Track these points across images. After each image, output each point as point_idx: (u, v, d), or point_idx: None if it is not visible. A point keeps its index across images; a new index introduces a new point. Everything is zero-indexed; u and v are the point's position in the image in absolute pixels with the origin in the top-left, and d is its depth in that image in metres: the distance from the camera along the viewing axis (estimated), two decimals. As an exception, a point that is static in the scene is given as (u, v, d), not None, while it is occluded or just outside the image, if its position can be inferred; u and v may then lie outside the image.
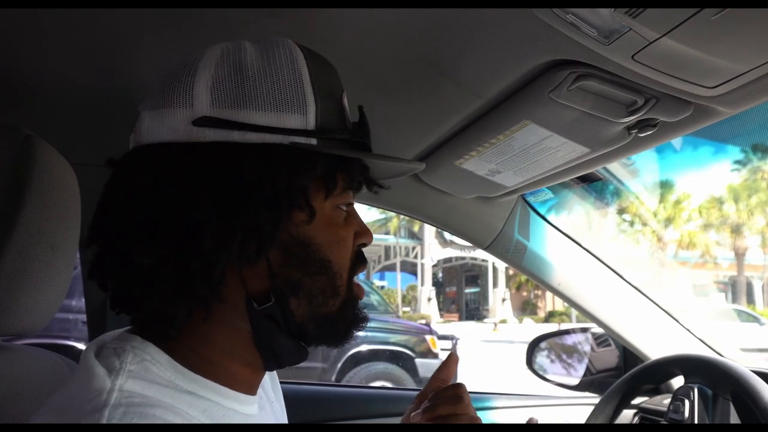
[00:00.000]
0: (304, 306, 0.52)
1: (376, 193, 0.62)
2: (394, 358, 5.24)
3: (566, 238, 1.31)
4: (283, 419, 0.69)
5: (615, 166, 1.34)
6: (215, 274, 0.47)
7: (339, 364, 5.07)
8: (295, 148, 0.49)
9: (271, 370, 0.57)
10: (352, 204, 0.58)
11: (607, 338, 1.54)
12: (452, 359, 0.75)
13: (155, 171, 0.48)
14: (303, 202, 0.50)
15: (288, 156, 0.49)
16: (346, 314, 0.55)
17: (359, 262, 0.57)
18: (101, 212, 0.49)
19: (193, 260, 0.46)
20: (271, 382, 0.69)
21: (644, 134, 0.77)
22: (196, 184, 0.47)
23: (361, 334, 0.58)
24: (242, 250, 0.48)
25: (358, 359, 5.12)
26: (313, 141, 0.50)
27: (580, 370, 1.58)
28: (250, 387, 0.55)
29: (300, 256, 0.51)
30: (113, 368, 0.45)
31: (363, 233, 0.58)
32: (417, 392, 0.75)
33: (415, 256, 25.62)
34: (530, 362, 1.57)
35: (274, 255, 0.50)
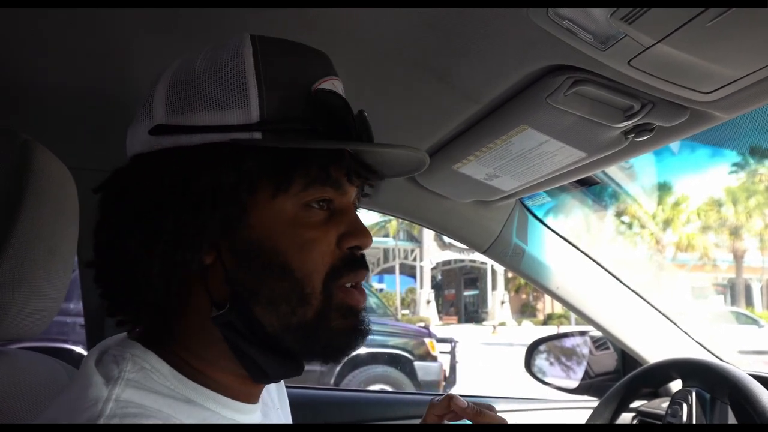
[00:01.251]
0: (270, 315, 0.48)
1: (366, 194, 0.58)
2: (393, 361, 5.23)
3: (564, 241, 1.31)
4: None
5: (613, 170, 1.35)
6: (153, 279, 0.46)
7: (337, 367, 5.06)
8: (234, 145, 0.47)
9: (261, 382, 0.54)
10: (340, 202, 0.52)
11: (605, 341, 1.54)
12: (453, 400, 0.67)
13: (121, 184, 0.49)
14: (233, 201, 0.47)
15: (220, 154, 0.47)
16: (326, 325, 0.50)
17: (346, 267, 0.51)
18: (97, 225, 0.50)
19: (130, 266, 0.46)
20: (277, 389, 0.69)
21: (641, 139, 0.78)
22: (137, 191, 0.48)
23: None
24: (171, 256, 0.46)
25: (357, 362, 5.12)
26: (258, 135, 0.47)
27: (579, 373, 1.58)
28: (248, 396, 0.54)
29: (253, 261, 0.48)
30: (111, 377, 0.44)
31: (352, 234, 0.52)
32: (415, 396, 0.74)
33: (414, 259, 25.61)
34: (529, 365, 1.57)
35: (228, 259, 0.48)
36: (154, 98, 0.50)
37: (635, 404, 1.26)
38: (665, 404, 1.10)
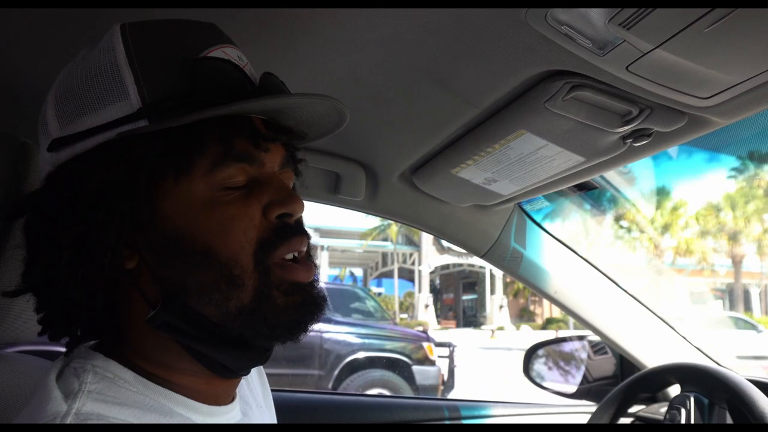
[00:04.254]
0: (207, 305, 0.46)
1: (300, 160, 0.54)
2: (391, 365, 5.23)
3: (563, 246, 1.31)
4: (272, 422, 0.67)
5: (611, 174, 1.35)
6: (76, 296, 0.45)
7: (336, 372, 5.06)
8: (124, 139, 0.45)
9: (228, 378, 0.52)
10: (259, 174, 0.49)
11: (603, 346, 1.54)
12: None
13: (31, 208, 0.48)
14: (131, 195, 0.44)
15: (110, 151, 0.45)
16: (269, 304, 0.47)
17: (278, 237, 0.48)
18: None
19: (51, 289, 0.45)
20: (261, 385, 0.68)
21: (639, 144, 0.78)
22: (41, 212, 0.47)
23: (357, 341, 0.52)
24: (78, 266, 0.44)
25: (355, 367, 5.11)
26: (143, 122, 0.45)
27: (577, 378, 1.58)
28: (218, 397, 0.52)
29: (173, 253, 0.46)
30: (71, 391, 0.43)
31: (278, 203, 0.48)
32: (413, 400, 0.74)
33: (413, 263, 25.60)
34: (527, 370, 1.57)
35: (150, 257, 0.46)
36: (46, 116, 0.49)
37: (633, 409, 1.26)
38: (663, 409, 1.10)
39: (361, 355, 5.15)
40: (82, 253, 0.44)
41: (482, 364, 10.91)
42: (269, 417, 0.66)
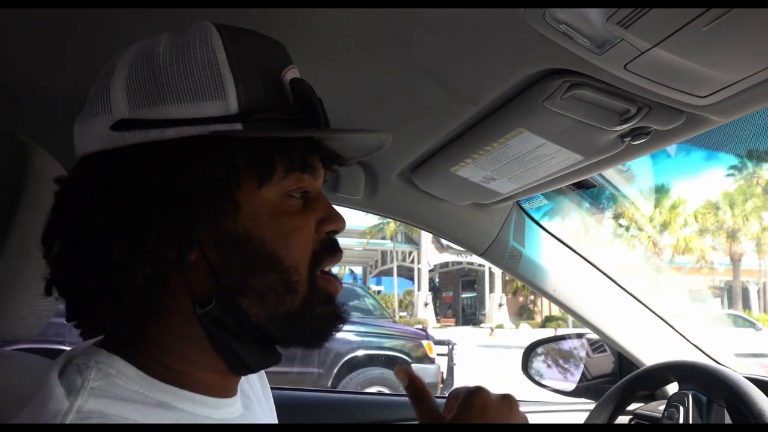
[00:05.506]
0: (256, 306, 0.48)
1: (325, 180, 0.56)
2: (391, 363, 5.23)
3: (561, 244, 1.31)
4: (273, 419, 0.67)
5: (610, 172, 1.35)
6: (138, 283, 0.44)
7: (335, 370, 5.06)
8: (215, 137, 0.45)
9: (241, 375, 0.54)
10: (313, 189, 0.52)
11: (602, 344, 1.55)
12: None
13: (79, 183, 0.47)
14: (223, 195, 0.46)
15: (204, 148, 0.45)
16: (312, 312, 0.50)
17: (327, 252, 0.52)
18: (46, 230, 0.48)
19: (111, 271, 0.44)
20: (260, 380, 0.68)
21: (637, 142, 0.78)
22: (111, 191, 0.45)
23: (357, 339, 0.55)
24: (159, 256, 0.44)
25: (354, 364, 5.11)
26: (238, 126, 0.46)
27: (576, 375, 1.58)
28: (225, 390, 0.53)
29: (240, 254, 0.47)
30: (74, 388, 0.43)
31: (329, 219, 0.52)
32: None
33: (412, 261, 25.62)
34: (526, 368, 1.57)
35: (212, 255, 0.47)
36: (110, 91, 0.47)
37: (632, 407, 1.26)
38: (662, 407, 1.10)
39: (360, 353, 5.15)
40: (171, 241, 0.44)
41: (481, 362, 10.92)
42: (269, 412, 0.67)
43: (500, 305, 24.23)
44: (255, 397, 0.63)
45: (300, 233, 0.50)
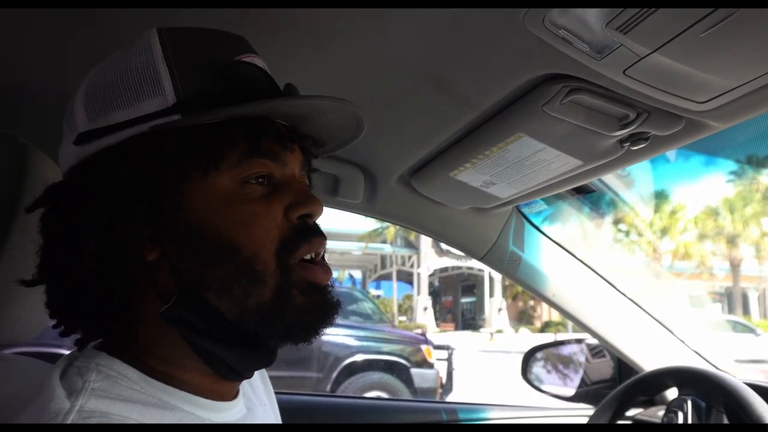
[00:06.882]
0: (225, 300, 0.47)
1: (315, 169, 0.55)
2: (390, 368, 5.22)
3: (561, 249, 1.31)
4: (276, 422, 0.67)
5: (609, 177, 1.35)
6: (94, 287, 0.45)
7: (334, 374, 5.05)
8: (156, 132, 0.46)
9: (232, 379, 0.52)
10: (281, 175, 0.51)
11: (601, 349, 1.55)
12: None
13: (53, 199, 0.49)
14: (164, 187, 0.46)
15: (140, 144, 0.46)
16: (289, 303, 0.48)
17: (301, 238, 0.49)
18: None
19: (70, 280, 0.45)
20: (263, 384, 0.68)
21: (636, 147, 0.78)
22: (66, 203, 0.47)
23: (356, 343, 0.53)
24: (103, 257, 0.45)
25: (353, 369, 5.10)
26: (177, 117, 0.46)
27: (575, 381, 1.58)
28: (223, 394, 0.52)
29: (194, 245, 0.47)
30: (75, 389, 0.43)
31: (300, 203, 0.50)
32: (411, 403, 0.73)
33: (412, 266, 25.58)
34: (525, 373, 1.57)
35: (170, 249, 0.47)
36: (74, 110, 0.50)
37: (631, 412, 1.26)
38: (661, 412, 1.10)
39: (359, 357, 5.14)
40: (109, 241, 0.45)
41: (481, 367, 10.90)
42: (273, 415, 0.66)
43: (500, 310, 24.18)
44: (258, 400, 0.63)
45: (259, 220, 0.48)
